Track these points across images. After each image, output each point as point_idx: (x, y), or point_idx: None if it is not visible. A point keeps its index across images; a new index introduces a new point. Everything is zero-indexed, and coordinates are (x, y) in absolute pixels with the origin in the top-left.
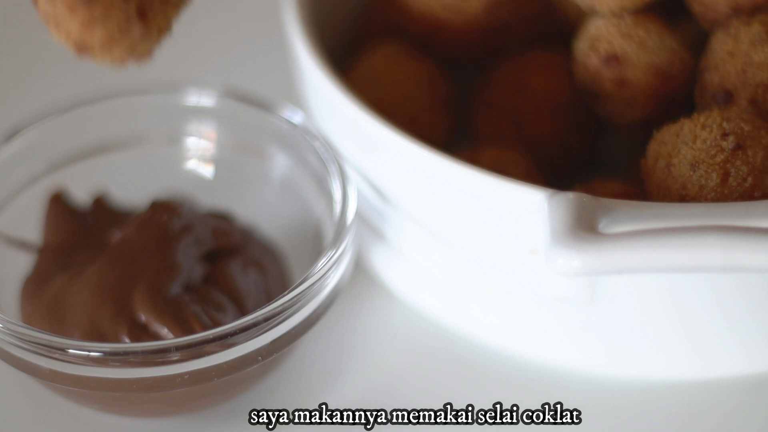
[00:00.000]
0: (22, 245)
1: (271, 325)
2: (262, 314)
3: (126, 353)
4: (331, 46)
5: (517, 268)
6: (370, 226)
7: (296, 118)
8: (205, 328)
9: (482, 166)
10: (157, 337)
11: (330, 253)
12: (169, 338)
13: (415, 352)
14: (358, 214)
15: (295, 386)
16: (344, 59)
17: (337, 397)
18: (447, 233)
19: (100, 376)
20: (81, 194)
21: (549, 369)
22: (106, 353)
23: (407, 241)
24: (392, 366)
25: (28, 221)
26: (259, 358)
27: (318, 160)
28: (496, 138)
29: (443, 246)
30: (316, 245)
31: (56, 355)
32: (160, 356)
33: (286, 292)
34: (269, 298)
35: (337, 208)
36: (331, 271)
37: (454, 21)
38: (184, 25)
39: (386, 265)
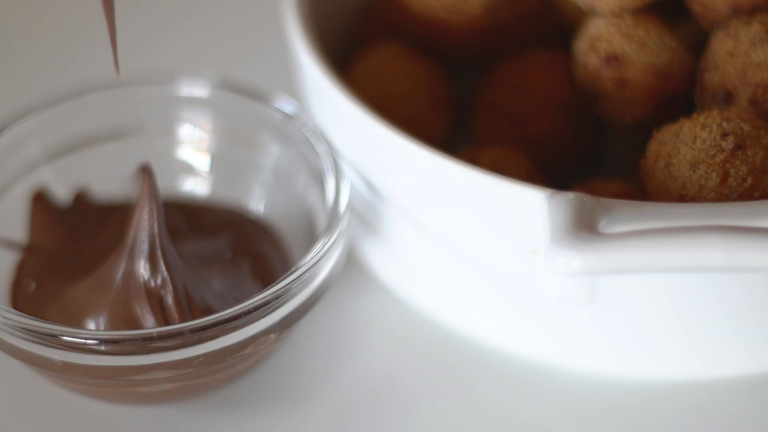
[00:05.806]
0: (8, 245)
1: (265, 312)
2: (253, 302)
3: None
4: (330, 45)
5: (517, 268)
6: (368, 226)
7: (290, 108)
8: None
9: (482, 166)
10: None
11: (323, 240)
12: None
13: (414, 352)
14: (357, 214)
15: (287, 379)
16: (344, 58)
17: (330, 391)
18: (446, 233)
19: (113, 364)
20: (77, 185)
21: (548, 369)
22: (118, 340)
23: (405, 240)
24: (391, 364)
25: (18, 217)
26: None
27: (311, 151)
28: (496, 138)
29: (443, 245)
30: (310, 237)
31: (74, 345)
32: (145, 343)
33: (278, 280)
34: None
35: (330, 197)
36: (324, 259)
37: (454, 21)
38: (185, 20)
39: (384, 264)
